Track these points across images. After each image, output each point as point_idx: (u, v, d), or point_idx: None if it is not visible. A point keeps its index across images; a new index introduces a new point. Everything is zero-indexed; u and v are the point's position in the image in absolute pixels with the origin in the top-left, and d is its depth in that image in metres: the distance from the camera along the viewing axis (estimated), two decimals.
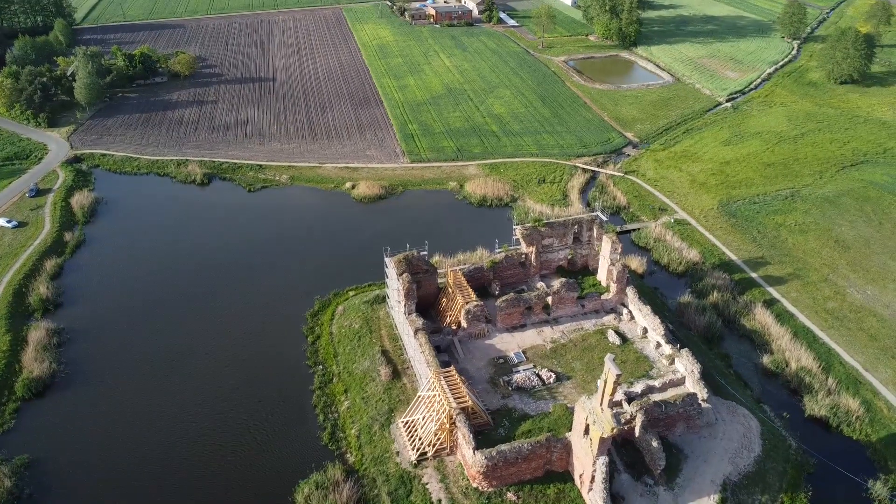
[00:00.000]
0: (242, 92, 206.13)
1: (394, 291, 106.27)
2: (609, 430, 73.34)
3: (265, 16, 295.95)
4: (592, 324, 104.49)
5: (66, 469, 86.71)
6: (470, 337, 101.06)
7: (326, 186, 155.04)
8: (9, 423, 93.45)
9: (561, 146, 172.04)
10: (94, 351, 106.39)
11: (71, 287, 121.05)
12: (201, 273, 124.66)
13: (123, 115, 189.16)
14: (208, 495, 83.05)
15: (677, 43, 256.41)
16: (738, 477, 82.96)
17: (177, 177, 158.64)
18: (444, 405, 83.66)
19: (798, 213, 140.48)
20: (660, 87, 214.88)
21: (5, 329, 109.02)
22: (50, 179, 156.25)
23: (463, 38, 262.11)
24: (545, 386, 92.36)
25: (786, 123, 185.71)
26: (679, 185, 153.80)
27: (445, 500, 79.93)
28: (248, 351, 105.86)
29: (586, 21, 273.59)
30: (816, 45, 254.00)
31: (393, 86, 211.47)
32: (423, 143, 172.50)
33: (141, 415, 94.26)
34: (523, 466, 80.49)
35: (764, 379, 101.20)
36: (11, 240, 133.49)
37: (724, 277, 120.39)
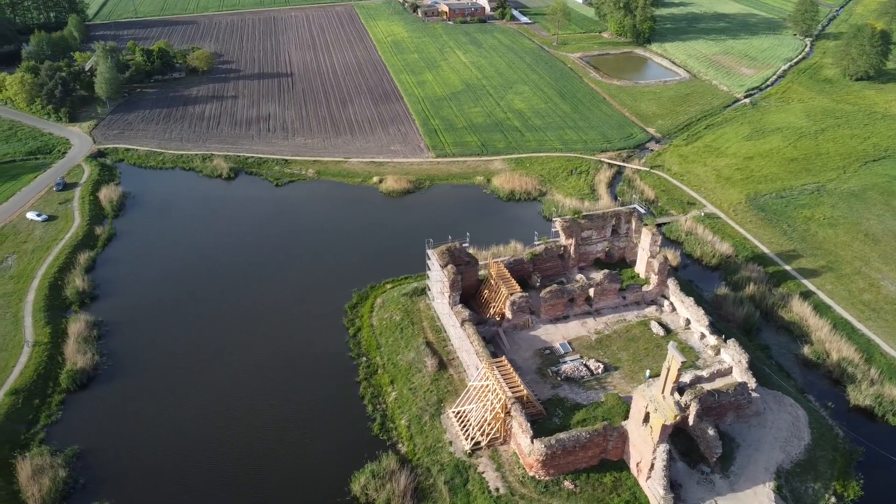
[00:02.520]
0: (261, 87, 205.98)
1: (436, 283, 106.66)
2: (672, 418, 73.84)
3: (277, 12, 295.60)
4: (634, 315, 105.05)
5: (116, 459, 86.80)
6: (514, 328, 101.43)
7: (353, 181, 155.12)
8: (56, 414, 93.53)
9: (584, 141, 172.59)
10: (134, 343, 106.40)
11: (105, 280, 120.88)
12: (235, 266, 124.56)
13: (144, 110, 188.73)
14: (263, 486, 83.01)
15: (690, 40, 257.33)
16: (789, 465, 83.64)
17: (203, 171, 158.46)
18: (498, 395, 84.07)
19: (825, 208, 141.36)
20: (677, 83, 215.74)
21: (44, 321, 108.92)
22: (76, 174, 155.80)
23: (477, 34, 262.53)
24: (594, 376, 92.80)
25: (805, 119, 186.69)
26: (705, 179, 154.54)
27: (503, 488, 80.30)
28: (289, 343, 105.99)
29: (598, 18, 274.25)
30: (829, 42, 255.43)
31: (411, 81, 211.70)
32: (446, 138, 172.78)
33: (187, 406, 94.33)
34: (580, 455, 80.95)
35: (804, 369, 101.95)
36: (42, 233, 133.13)
37: (758, 270, 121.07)
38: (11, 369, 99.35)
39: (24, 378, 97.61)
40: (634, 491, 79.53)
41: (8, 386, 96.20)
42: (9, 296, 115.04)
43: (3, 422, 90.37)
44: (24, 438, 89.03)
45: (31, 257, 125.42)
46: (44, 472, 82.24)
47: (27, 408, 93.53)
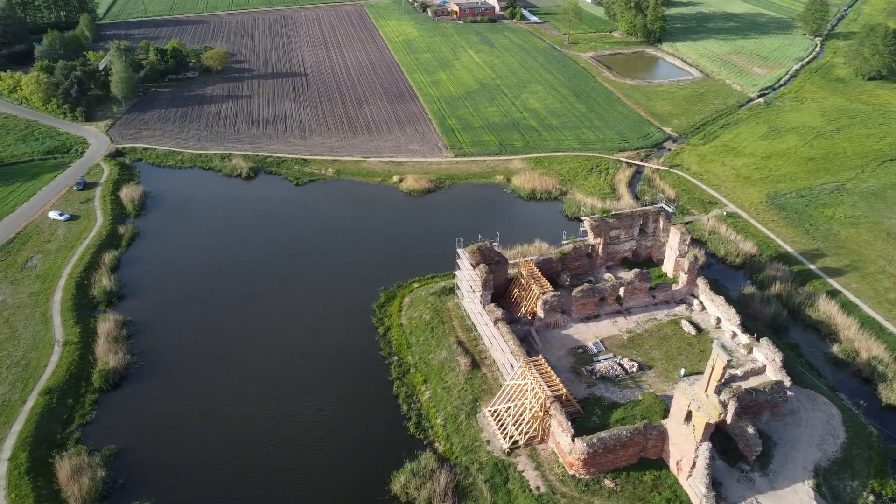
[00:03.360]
0: (276, 87, 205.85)
1: (465, 282, 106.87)
2: (716, 416, 74.08)
3: (287, 11, 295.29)
4: (665, 314, 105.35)
5: (153, 459, 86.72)
6: (546, 327, 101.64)
7: (373, 180, 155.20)
8: (90, 414, 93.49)
9: (602, 140, 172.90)
10: (164, 342, 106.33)
11: (131, 280, 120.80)
12: (259, 266, 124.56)
13: (159, 109, 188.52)
14: (302, 485, 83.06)
15: (701, 39, 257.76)
16: (827, 463, 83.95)
17: (222, 170, 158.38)
18: (537, 394, 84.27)
19: (846, 207, 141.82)
20: (690, 82, 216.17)
21: (73, 321, 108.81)
22: (95, 173, 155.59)
23: (488, 34, 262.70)
24: (628, 375, 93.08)
25: (819, 119, 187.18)
26: (724, 178, 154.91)
27: (544, 487, 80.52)
28: (318, 341, 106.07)
29: (609, 18, 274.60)
30: (838, 41, 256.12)
31: (426, 81, 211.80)
32: (464, 138, 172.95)
33: (220, 406, 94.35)
34: (620, 453, 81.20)
35: (834, 368, 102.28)
36: (66, 232, 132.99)
37: (783, 269, 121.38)
38: (44, 369, 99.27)
39: (56, 378, 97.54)
40: (675, 489, 79.82)
41: (41, 385, 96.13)
42: (36, 295, 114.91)
43: (38, 421, 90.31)
44: (61, 438, 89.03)
45: (56, 257, 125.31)
46: (83, 471, 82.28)
47: (61, 407, 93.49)
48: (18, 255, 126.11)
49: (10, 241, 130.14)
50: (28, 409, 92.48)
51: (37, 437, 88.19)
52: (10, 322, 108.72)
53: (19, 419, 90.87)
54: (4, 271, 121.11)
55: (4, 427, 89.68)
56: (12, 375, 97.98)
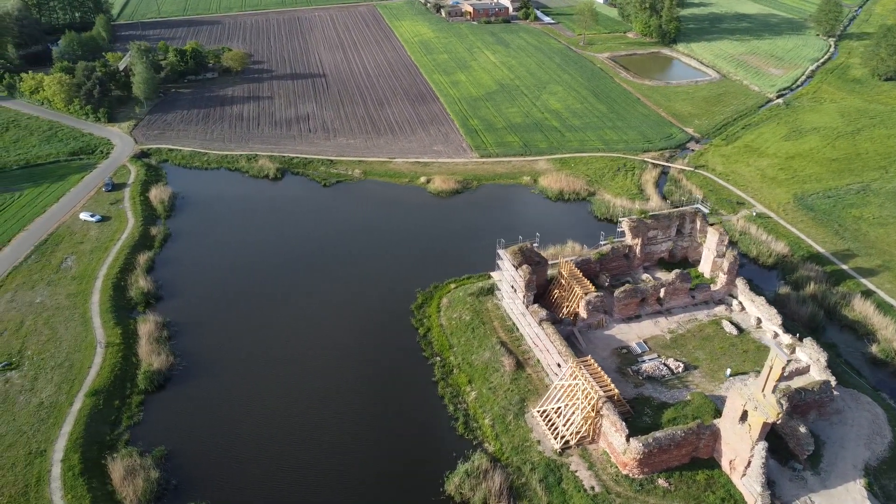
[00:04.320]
0: (296, 88, 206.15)
1: (506, 283, 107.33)
2: (774, 416, 74.62)
3: (301, 12, 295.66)
4: (705, 314, 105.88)
5: (203, 460, 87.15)
6: (588, 327, 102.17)
7: (400, 181, 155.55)
8: (137, 415, 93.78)
9: (625, 141, 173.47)
10: (205, 343, 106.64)
11: (167, 280, 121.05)
12: (293, 266, 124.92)
13: (181, 110, 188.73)
14: (354, 486, 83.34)
15: (715, 40, 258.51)
16: (876, 462, 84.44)
17: (249, 171, 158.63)
18: (589, 394, 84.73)
19: (873, 207, 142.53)
20: (708, 83, 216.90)
21: (114, 322, 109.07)
22: (122, 174, 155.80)
23: (503, 34, 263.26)
24: (674, 375, 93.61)
25: (839, 119, 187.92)
26: (750, 179, 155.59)
27: (598, 487, 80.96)
28: (359, 342, 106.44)
29: (622, 18, 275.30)
30: (852, 42, 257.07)
31: (445, 82, 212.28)
32: (488, 139, 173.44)
33: (265, 407, 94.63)
34: (674, 453, 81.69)
35: (874, 368, 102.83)
36: (98, 234, 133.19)
37: (815, 269, 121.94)
38: (88, 370, 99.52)
39: (101, 379, 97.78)
40: (728, 488, 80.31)
41: (87, 387, 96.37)
42: (74, 296, 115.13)
43: (87, 423, 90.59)
44: (110, 439, 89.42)
45: (91, 258, 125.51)
46: (136, 473, 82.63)
47: (108, 409, 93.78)
48: (52, 256, 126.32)
49: (43, 242, 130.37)
50: (76, 410, 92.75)
51: (87, 438, 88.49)
52: (50, 323, 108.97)
53: (68, 420, 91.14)
54: (40, 273, 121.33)
55: (54, 428, 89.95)
56: (57, 377, 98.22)
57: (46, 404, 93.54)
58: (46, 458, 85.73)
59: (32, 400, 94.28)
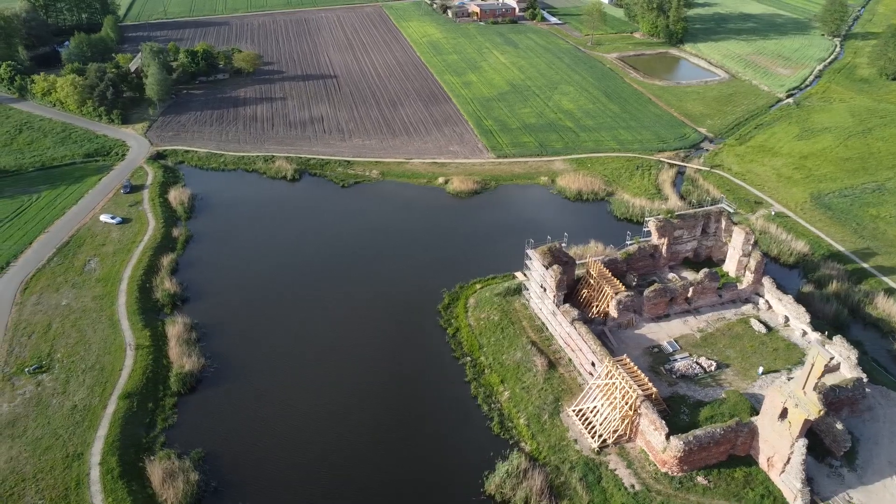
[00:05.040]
0: (308, 89, 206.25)
1: (535, 282, 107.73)
2: (816, 413, 75.31)
3: (307, 13, 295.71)
4: (733, 313, 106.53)
5: (241, 462, 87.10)
6: (619, 327, 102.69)
7: (419, 181, 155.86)
8: (171, 417, 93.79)
9: (640, 141, 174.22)
10: (233, 345, 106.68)
11: (192, 282, 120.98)
12: (317, 267, 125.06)
13: (195, 111, 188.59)
14: (393, 487, 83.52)
15: (721, 40, 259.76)
16: None
17: (266, 173, 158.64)
18: (627, 392, 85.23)
19: (890, 206, 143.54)
20: (717, 83, 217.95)
21: (142, 324, 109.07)
22: (139, 176, 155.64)
23: (511, 35, 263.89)
24: (707, 373, 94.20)
25: (850, 119, 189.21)
26: (766, 178, 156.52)
27: (638, 485, 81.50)
28: (388, 342, 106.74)
29: (628, 19, 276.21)
30: (857, 42, 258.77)
31: (457, 82, 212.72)
32: (503, 139, 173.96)
33: (300, 407, 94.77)
34: (713, 451, 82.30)
35: None
36: (120, 236, 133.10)
37: (837, 268, 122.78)
38: (119, 373, 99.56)
39: (133, 382, 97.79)
40: (767, 485, 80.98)
41: (120, 390, 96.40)
42: (100, 299, 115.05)
43: (123, 426, 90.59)
44: (146, 442, 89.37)
45: (114, 260, 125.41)
46: (175, 475, 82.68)
47: (142, 411, 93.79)
48: (75, 258, 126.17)
49: (65, 244, 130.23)
50: (110, 413, 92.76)
51: (123, 441, 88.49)
52: (77, 326, 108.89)
53: (103, 424, 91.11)
54: (64, 275, 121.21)
55: (89, 431, 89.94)
56: (89, 380, 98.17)
57: (80, 407, 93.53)
58: (84, 462, 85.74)
59: (66, 403, 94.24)
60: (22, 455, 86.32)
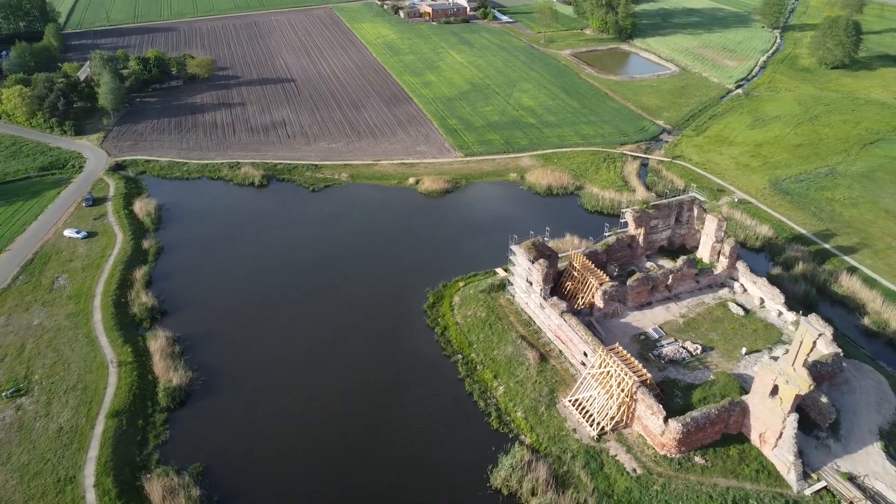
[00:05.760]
0: (266, 93, 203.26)
1: (520, 278, 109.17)
2: (807, 388, 78.78)
3: (257, 16, 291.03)
4: (711, 298, 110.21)
5: (242, 474, 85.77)
6: (605, 317, 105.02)
7: (389, 183, 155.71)
8: (164, 434, 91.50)
9: (602, 135, 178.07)
10: (220, 356, 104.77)
11: (169, 295, 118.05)
12: (295, 273, 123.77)
13: (151, 119, 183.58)
14: (402, 487, 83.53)
15: (668, 35, 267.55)
16: (888, 426, 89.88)
17: (233, 180, 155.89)
18: (623, 380, 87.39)
19: (843, 189, 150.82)
20: (670, 76, 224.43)
21: (121, 340, 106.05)
22: (101, 188, 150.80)
23: (464, 34, 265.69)
24: (694, 357, 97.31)
25: (797, 107, 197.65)
26: (725, 167, 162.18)
27: (639, 469, 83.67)
28: (377, 345, 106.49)
29: (578, 16, 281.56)
30: (795, 33, 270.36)
31: (416, 83, 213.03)
32: (469, 138, 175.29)
33: (295, 417, 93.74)
34: (708, 431, 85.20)
35: (867, 339, 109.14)
36: (87, 250, 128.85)
37: (801, 250, 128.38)
38: (104, 391, 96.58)
39: (120, 399, 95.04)
40: (760, 460, 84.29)
41: (106, 408, 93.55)
42: (74, 316, 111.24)
43: (114, 445, 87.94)
44: (141, 460, 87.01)
45: (84, 276, 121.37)
46: (176, 492, 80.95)
47: (133, 429, 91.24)
48: (42, 276, 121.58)
49: (30, 262, 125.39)
50: (99, 433, 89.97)
51: (116, 461, 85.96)
52: (53, 345, 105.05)
53: (93, 444, 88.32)
54: (33, 293, 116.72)
55: (79, 453, 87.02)
56: (73, 400, 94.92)
57: (66, 429, 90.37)
58: (78, 485, 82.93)
59: (50, 426, 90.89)
60: (9, 483, 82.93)
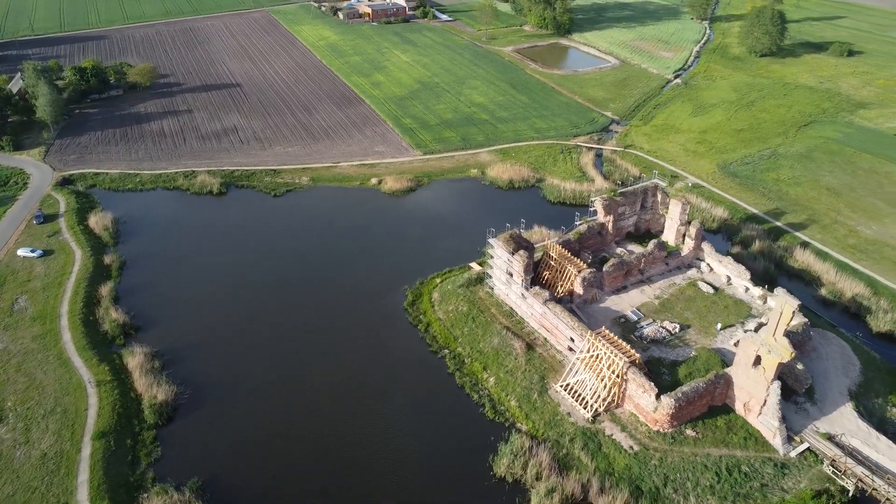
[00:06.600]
0: (213, 99, 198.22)
1: (499, 270, 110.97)
2: (788, 355, 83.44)
3: (191, 22, 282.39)
4: (681, 279, 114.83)
5: (240, 484, 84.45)
6: (584, 303, 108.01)
7: (352, 184, 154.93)
8: (155, 451, 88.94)
9: (555, 128, 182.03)
10: (202, 369, 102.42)
11: (139, 310, 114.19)
12: (270, 281, 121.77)
13: (94, 131, 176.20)
14: (405, 485, 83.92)
15: (604, 29, 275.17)
16: (855, 387, 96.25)
17: (189, 189, 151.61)
18: (613, 361, 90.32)
19: (786, 170, 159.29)
20: (611, 69, 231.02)
21: (96, 359, 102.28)
22: (50, 204, 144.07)
23: (407, 34, 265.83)
24: (673, 335, 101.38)
25: (734, 94, 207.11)
26: (675, 154, 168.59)
27: (636, 445, 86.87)
28: (362, 347, 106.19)
29: (516, 13, 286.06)
30: (723, 23, 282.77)
31: (365, 83, 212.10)
32: (425, 136, 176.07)
33: (288, 425, 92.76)
34: (697, 404, 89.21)
35: (825, 308, 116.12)
36: (45, 269, 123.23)
37: (755, 229, 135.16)
38: (85, 413, 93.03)
39: (104, 420, 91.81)
40: (747, 428, 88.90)
41: (91, 430, 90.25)
42: (41, 338, 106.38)
43: (105, 467, 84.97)
44: (135, 480, 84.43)
45: (46, 295, 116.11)
46: None
47: (122, 449, 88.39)
48: (0, 299, 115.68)
49: None
50: (87, 456, 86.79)
51: (110, 483, 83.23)
52: (23, 370, 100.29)
53: (82, 468, 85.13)
54: None
55: (69, 478, 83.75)
56: (53, 424, 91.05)
57: (51, 454, 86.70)
58: None
59: (32, 453, 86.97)
60: None
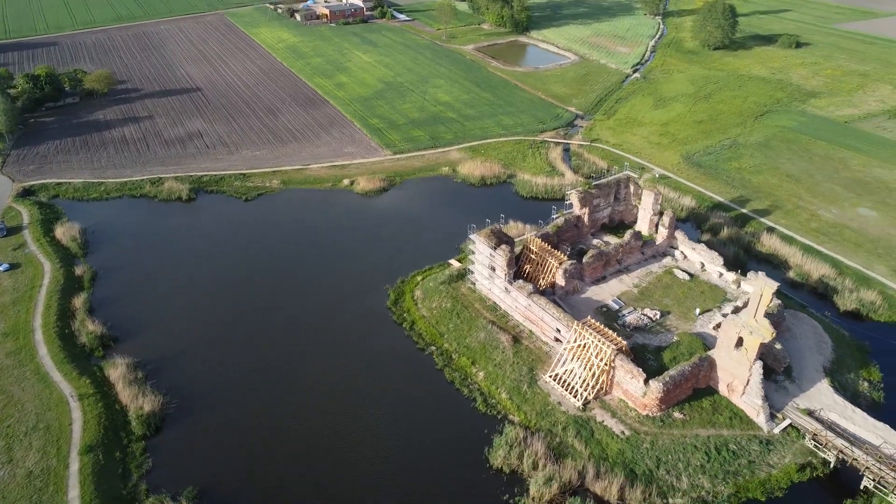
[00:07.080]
0: (174, 104, 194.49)
1: (481, 265, 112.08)
2: (769, 336, 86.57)
3: (145, 27, 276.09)
4: (657, 267, 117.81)
5: (237, 489, 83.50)
6: (566, 294, 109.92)
7: (323, 186, 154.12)
8: (145, 463, 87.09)
9: (521, 125, 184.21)
10: (187, 376, 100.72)
11: (116, 320, 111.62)
12: (248, 286, 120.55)
13: (52, 140, 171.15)
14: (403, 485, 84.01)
15: (562, 26, 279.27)
16: (828, 364, 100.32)
17: (157, 196, 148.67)
18: (601, 349, 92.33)
19: (747, 158, 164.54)
20: (571, 65, 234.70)
21: (77, 373, 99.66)
22: (12, 216, 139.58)
23: (366, 34, 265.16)
24: (655, 322, 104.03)
25: (691, 87, 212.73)
26: (640, 146, 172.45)
27: (627, 431, 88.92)
28: (348, 349, 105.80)
29: (474, 11, 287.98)
30: (675, 18, 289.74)
31: (328, 84, 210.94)
32: (394, 136, 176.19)
33: (279, 429, 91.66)
34: (683, 387, 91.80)
35: (794, 290, 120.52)
36: (13, 283, 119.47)
37: (723, 216, 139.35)
38: (69, 428, 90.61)
39: (90, 434, 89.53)
40: (731, 408, 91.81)
41: (78, 445, 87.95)
42: (16, 354, 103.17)
43: (96, 482, 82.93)
44: (128, 493, 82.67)
45: (16, 310, 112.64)
46: None
47: (111, 463, 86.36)
48: None
49: None
50: (75, 471, 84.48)
51: (102, 497, 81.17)
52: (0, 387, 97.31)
53: (71, 484, 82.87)
54: None
55: (58, 496, 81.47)
56: (36, 441, 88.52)
57: (37, 472, 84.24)
58: None
59: (17, 471, 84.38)
60: None
